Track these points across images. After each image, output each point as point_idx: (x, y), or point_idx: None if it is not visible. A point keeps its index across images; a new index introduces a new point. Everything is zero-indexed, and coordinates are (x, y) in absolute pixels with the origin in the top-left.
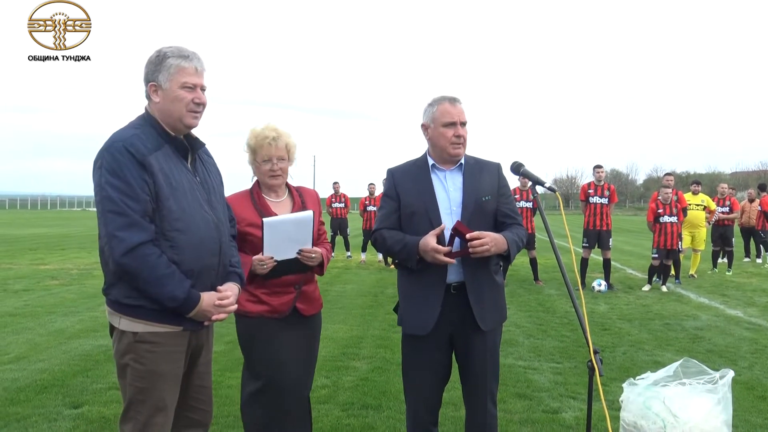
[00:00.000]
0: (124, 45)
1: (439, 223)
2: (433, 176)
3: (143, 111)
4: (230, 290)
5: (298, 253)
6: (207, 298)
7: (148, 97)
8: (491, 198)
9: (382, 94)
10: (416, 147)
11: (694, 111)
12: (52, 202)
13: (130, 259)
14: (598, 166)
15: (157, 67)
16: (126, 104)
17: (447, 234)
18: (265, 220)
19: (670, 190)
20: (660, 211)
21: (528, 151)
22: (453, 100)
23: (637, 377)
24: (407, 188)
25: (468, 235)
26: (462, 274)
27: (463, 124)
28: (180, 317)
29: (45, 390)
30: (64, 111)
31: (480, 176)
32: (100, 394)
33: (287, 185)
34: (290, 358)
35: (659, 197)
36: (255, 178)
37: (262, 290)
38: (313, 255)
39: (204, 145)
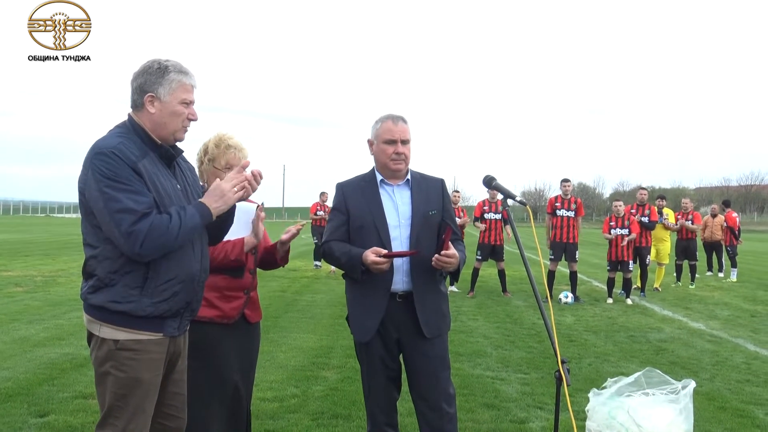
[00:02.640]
0: (124, 45)
1: (387, 235)
2: (381, 191)
3: (126, 118)
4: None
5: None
6: (216, 188)
7: (140, 106)
8: (437, 212)
9: (355, 104)
10: None
11: (660, 127)
12: (14, 208)
13: (148, 248)
14: (565, 180)
15: (158, 79)
16: (102, 108)
17: (400, 246)
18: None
19: (621, 204)
20: (612, 223)
21: (497, 164)
22: (395, 119)
23: (601, 386)
24: (356, 202)
25: (443, 252)
26: (410, 283)
27: (405, 142)
28: (160, 324)
29: (9, 399)
30: (22, 114)
31: (426, 191)
32: (67, 402)
33: None
34: (236, 367)
35: (612, 210)
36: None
37: (214, 294)
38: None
39: (183, 152)
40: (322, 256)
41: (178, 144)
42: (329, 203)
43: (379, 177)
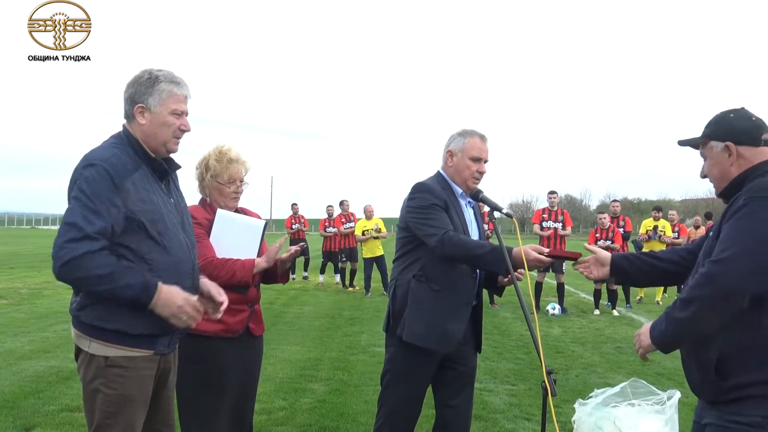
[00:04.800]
0: (124, 45)
1: None
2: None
3: (121, 129)
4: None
5: None
6: (176, 290)
7: (131, 117)
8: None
9: (343, 116)
10: (373, 168)
11: (646, 138)
12: None
13: (69, 269)
14: (552, 192)
15: (148, 89)
16: (91, 120)
17: None
18: (219, 210)
19: (606, 216)
20: (597, 235)
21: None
22: (483, 138)
23: (587, 397)
24: (448, 206)
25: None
26: (478, 296)
27: (486, 161)
28: (152, 341)
29: None
30: (8, 125)
31: (479, 212)
32: (52, 416)
33: None
34: (240, 381)
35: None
36: (202, 197)
37: None
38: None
39: (180, 167)
40: (444, 242)
41: (174, 158)
42: (302, 213)
43: (458, 189)
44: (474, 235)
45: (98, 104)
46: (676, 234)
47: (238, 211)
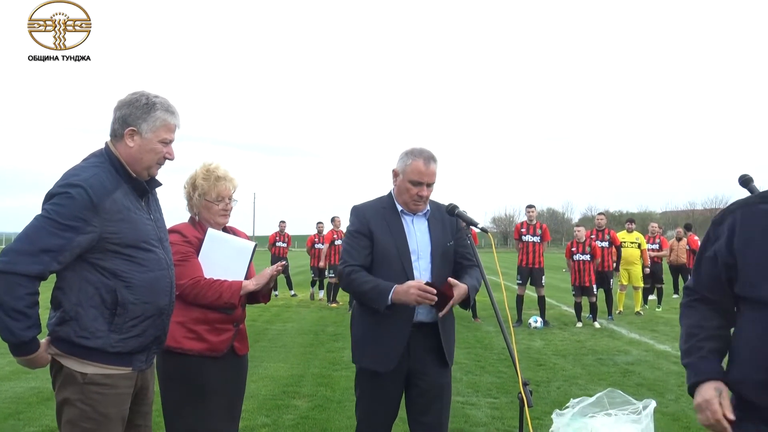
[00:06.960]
0: (124, 45)
1: (411, 266)
2: (402, 220)
3: (103, 147)
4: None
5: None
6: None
7: (119, 136)
8: (453, 242)
9: (321, 131)
10: (358, 184)
11: (627, 152)
12: None
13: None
14: (530, 206)
15: (143, 114)
16: (69, 140)
17: (419, 277)
18: (210, 230)
19: (582, 229)
20: (573, 249)
21: (466, 189)
22: (428, 161)
23: (564, 406)
24: (380, 228)
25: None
26: (433, 314)
27: (430, 185)
28: (129, 359)
29: None
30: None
31: (441, 220)
32: None
33: None
34: (224, 400)
35: (574, 235)
36: (190, 216)
37: (203, 327)
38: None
39: (161, 184)
40: (342, 278)
41: (156, 178)
42: (288, 231)
43: (399, 206)
44: (422, 250)
45: (97, 106)
46: (658, 245)
47: (226, 229)
